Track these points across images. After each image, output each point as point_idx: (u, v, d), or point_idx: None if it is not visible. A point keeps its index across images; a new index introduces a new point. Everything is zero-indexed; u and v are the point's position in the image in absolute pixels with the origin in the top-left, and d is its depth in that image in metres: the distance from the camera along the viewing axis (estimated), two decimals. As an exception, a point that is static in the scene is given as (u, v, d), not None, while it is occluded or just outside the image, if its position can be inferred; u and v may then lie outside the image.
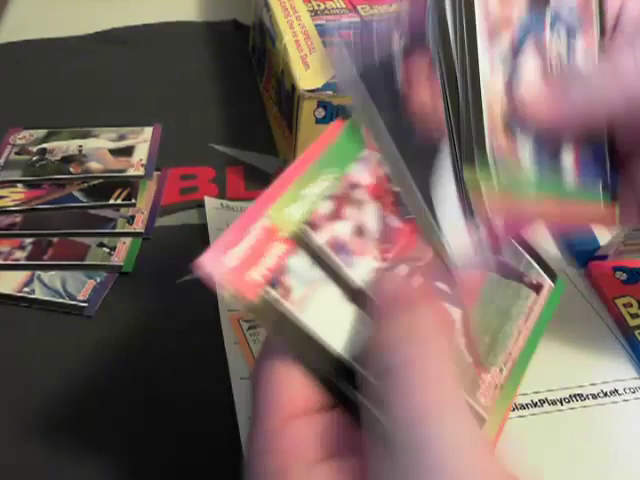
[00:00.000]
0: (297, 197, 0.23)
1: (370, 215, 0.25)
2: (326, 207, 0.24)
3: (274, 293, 0.22)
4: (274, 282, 0.22)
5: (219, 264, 0.21)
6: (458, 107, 0.25)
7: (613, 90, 0.27)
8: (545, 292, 0.30)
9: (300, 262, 0.23)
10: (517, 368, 0.28)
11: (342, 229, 0.24)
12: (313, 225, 0.23)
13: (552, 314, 0.30)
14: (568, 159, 0.28)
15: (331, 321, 0.23)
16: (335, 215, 0.24)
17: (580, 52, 0.29)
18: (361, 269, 0.24)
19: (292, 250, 0.23)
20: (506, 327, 0.28)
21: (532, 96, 0.27)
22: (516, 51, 0.27)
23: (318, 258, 0.23)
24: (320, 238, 0.23)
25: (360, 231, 0.24)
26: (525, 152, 0.27)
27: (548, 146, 0.27)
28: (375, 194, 0.25)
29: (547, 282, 0.30)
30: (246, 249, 0.22)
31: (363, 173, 0.25)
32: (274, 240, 0.22)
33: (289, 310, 0.22)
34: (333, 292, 0.23)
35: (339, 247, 0.24)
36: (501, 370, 0.27)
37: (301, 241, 0.23)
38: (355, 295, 0.24)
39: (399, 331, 0.22)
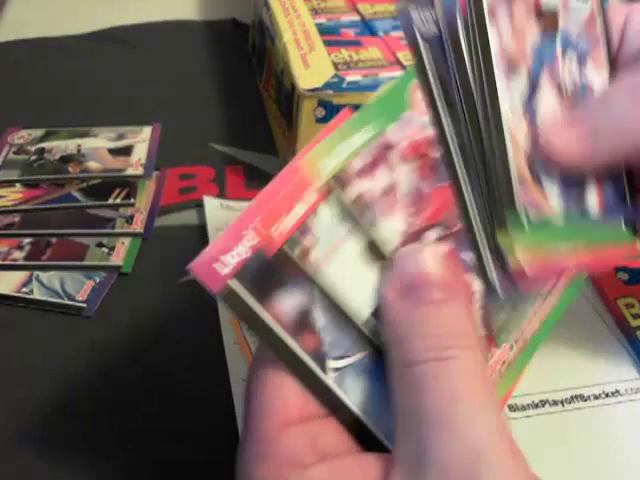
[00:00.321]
0: (331, 151, 0.23)
1: (402, 177, 0.24)
2: (358, 164, 0.23)
3: (296, 249, 0.22)
4: (296, 239, 0.22)
5: (211, 268, 0.21)
6: (484, 164, 0.25)
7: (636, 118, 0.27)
8: (565, 276, 0.30)
9: (324, 220, 0.23)
10: (528, 349, 0.28)
11: (372, 187, 0.24)
12: (343, 180, 0.23)
13: (573, 298, 0.30)
14: (592, 199, 0.28)
15: (352, 280, 0.23)
16: (366, 173, 0.24)
17: (592, 77, 0.28)
18: (386, 230, 0.24)
19: (316, 207, 0.22)
20: (523, 307, 0.28)
21: (557, 137, 0.26)
22: (533, 86, 0.27)
23: (344, 214, 0.23)
24: (348, 194, 0.23)
25: (390, 192, 0.24)
26: (553, 198, 0.27)
27: (574, 188, 0.27)
28: (411, 157, 0.25)
29: None
30: (278, 199, 0.22)
31: (401, 134, 0.24)
32: (302, 193, 0.22)
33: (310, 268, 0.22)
34: (356, 251, 0.23)
35: (366, 205, 0.23)
36: (512, 348, 0.27)
37: (328, 195, 0.23)
38: (378, 255, 0.23)
39: (433, 325, 0.22)
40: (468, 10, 0.25)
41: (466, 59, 0.25)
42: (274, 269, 0.22)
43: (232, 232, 0.21)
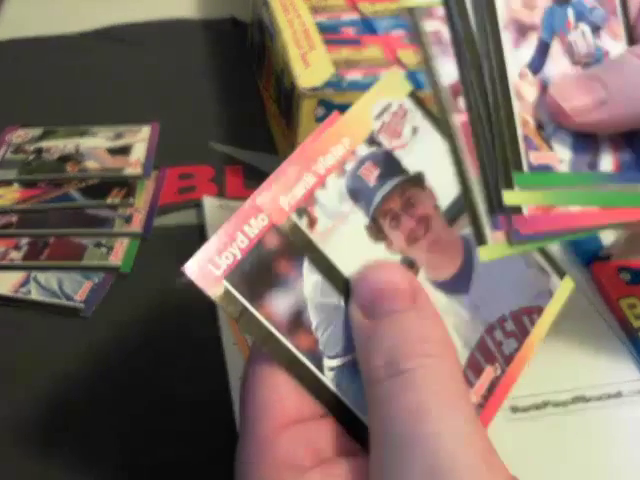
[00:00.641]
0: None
1: None
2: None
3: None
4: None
5: (205, 270, 0.21)
6: (491, 126, 0.25)
7: None
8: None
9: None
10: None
11: None
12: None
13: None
14: (607, 164, 0.27)
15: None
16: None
17: (608, 47, 0.28)
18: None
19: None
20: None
21: (569, 99, 0.25)
22: (544, 53, 0.26)
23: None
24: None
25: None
26: (564, 161, 0.26)
27: (588, 153, 0.27)
28: None
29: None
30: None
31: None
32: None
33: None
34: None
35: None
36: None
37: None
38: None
39: (387, 338, 0.22)
40: None
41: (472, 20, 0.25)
42: (268, 269, 0.22)
43: (225, 233, 0.22)
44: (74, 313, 0.39)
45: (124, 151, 0.50)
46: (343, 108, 0.25)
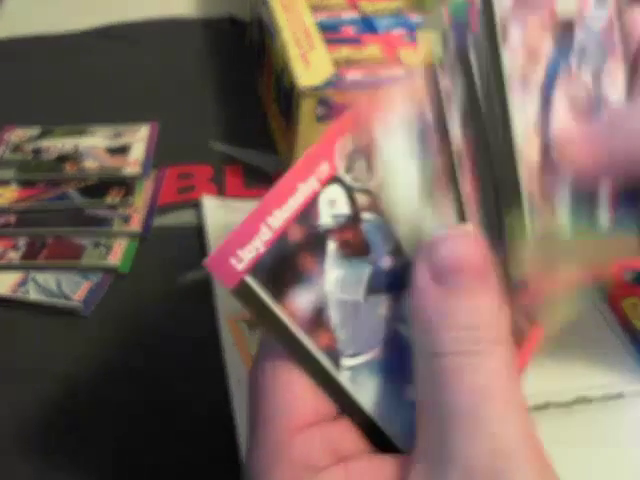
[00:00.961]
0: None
1: None
2: None
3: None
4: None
5: (227, 263, 0.20)
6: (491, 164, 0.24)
7: None
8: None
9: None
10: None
11: None
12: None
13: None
14: (604, 200, 0.27)
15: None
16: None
17: (609, 90, 0.27)
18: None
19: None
20: None
21: (569, 144, 0.25)
22: (547, 102, 0.26)
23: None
24: None
25: None
26: (562, 201, 0.26)
27: (586, 204, 0.26)
28: None
29: None
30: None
31: None
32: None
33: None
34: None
35: None
36: None
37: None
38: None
39: (466, 316, 0.21)
40: (479, 28, 0.24)
41: (477, 81, 0.24)
42: (290, 264, 0.21)
43: (248, 225, 0.21)
44: (73, 313, 0.39)
45: (123, 150, 0.50)
46: (343, 107, 0.25)
